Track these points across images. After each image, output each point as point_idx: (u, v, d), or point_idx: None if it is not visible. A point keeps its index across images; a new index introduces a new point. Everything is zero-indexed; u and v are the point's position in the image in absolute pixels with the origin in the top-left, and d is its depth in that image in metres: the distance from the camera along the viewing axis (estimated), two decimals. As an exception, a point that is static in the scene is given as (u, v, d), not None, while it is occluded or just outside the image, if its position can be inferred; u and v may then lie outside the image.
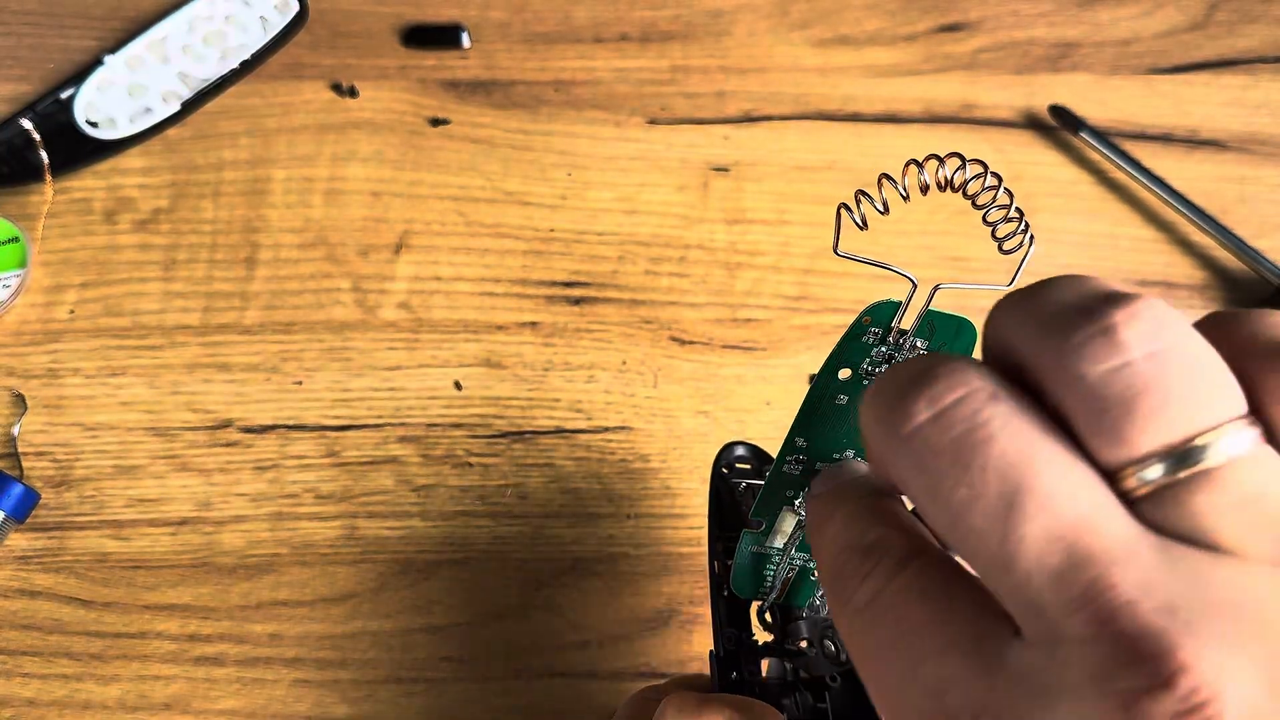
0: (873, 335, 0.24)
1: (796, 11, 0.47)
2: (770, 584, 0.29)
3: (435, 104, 0.44)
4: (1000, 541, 0.15)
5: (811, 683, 0.28)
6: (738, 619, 0.30)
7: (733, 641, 0.29)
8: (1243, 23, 0.46)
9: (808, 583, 0.29)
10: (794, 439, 0.26)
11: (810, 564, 0.28)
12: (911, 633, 0.16)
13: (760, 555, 0.28)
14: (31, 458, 0.38)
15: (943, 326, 0.24)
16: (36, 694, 0.34)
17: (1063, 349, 0.16)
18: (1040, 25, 0.46)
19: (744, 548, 0.28)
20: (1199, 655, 0.13)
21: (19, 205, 0.42)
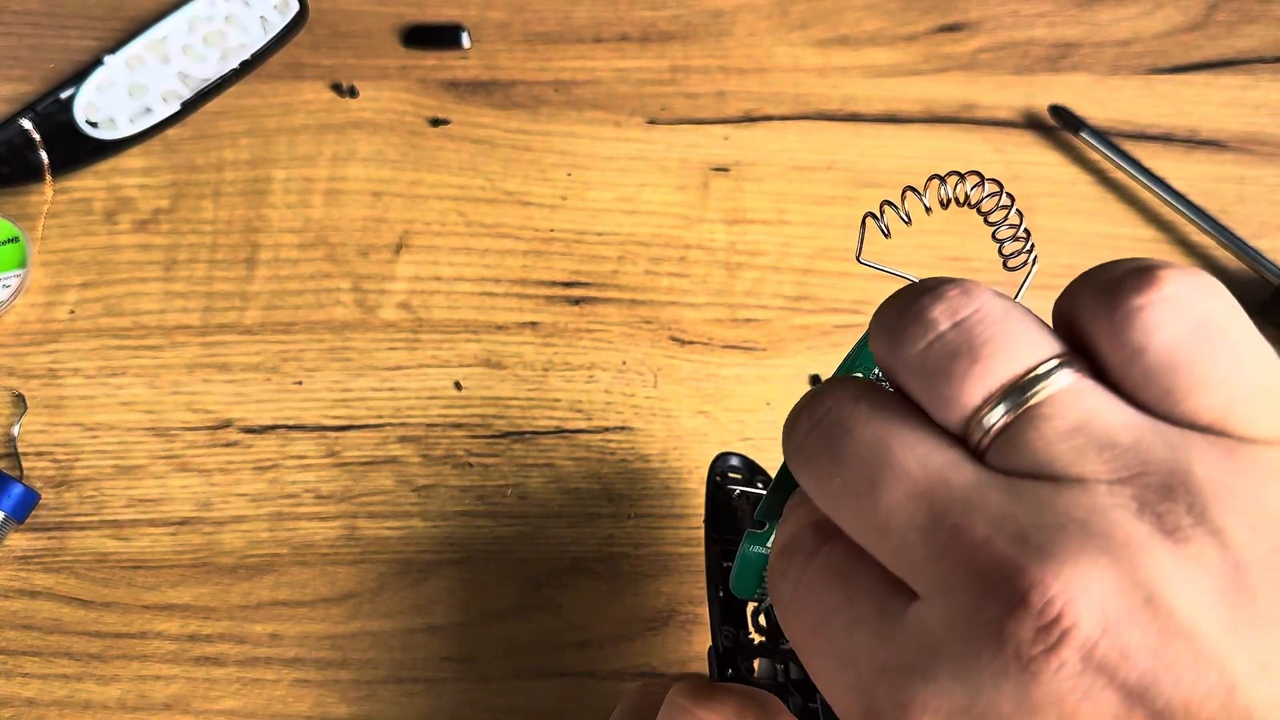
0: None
1: (796, 12, 0.47)
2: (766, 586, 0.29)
3: (435, 104, 0.44)
4: (873, 513, 0.17)
5: (802, 684, 0.28)
6: (734, 618, 0.30)
7: (730, 639, 0.29)
8: (1242, 23, 0.46)
9: None
10: None
11: None
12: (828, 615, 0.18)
13: (761, 556, 0.28)
14: (31, 458, 0.38)
15: None
16: (37, 694, 0.34)
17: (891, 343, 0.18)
18: (1040, 25, 0.46)
19: (746, 549, 0.28)
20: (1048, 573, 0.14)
21: (19, 205, 0.42)
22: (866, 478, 0.17)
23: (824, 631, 0.18)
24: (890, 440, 0.17)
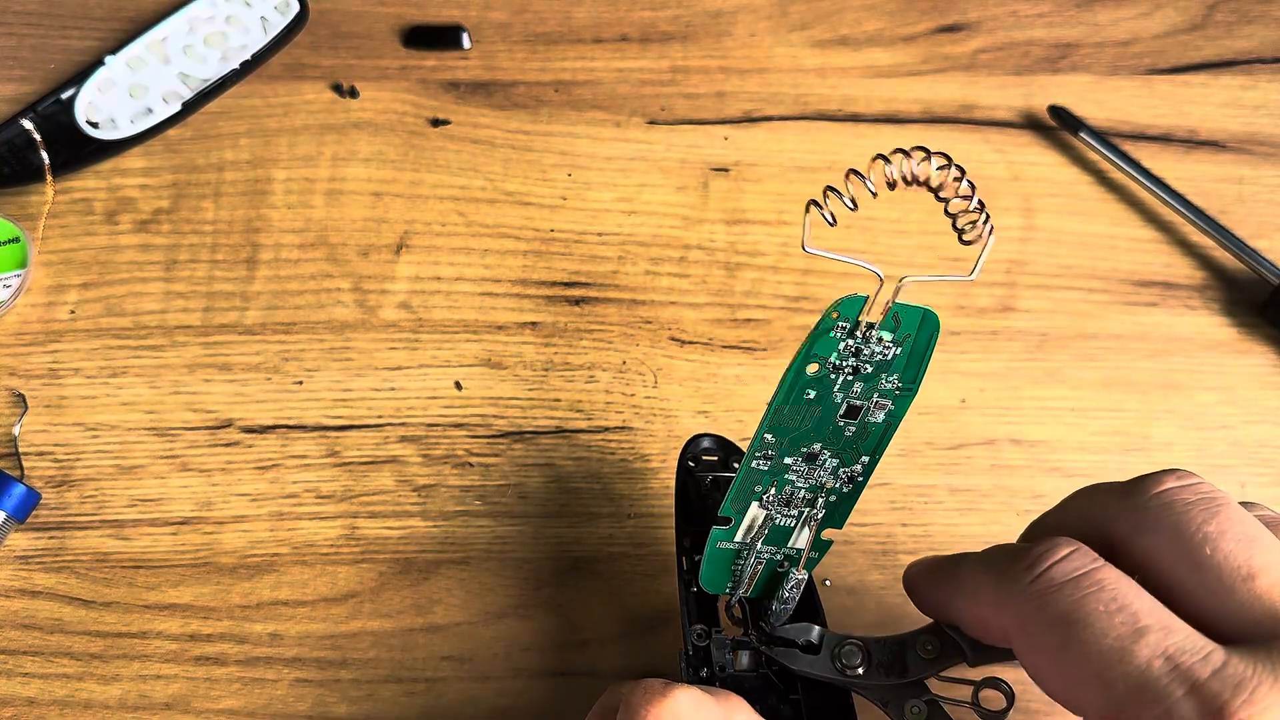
0: (840, 330, 0.25)
1: (796, 12, 0.47)
2: (738, 578, 0.29)
3: (436, 104, 0.44)
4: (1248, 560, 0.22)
5: (784, 675, 0.28)
6: (706, 614, 0.30)
7: (703, 637, 0.29)
8: (1242, 23, 0.46)
9: (775, 576, 0.29)
10: (763, 435, 0.26)
11: (777, 557, 0.28)
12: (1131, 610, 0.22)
13: (728, 551, 0.28)
14: (32, 458, 0.38)
15: (907, 318, 0.25)
16: (37, 693, 0.34)
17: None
18: (1039, 26, 0.46)
19: (712, 544, 0.28)
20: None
21: (20, 205, 0.42)
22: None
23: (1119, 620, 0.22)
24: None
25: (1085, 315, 0.41)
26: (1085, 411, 0.39)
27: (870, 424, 0.26)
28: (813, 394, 0.26)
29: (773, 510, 0.27)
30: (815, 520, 0.28)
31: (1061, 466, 0.38)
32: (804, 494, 0.27)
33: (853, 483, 0.27)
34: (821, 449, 0.26)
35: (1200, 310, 0.41)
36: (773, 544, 0.28)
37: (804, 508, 0.27)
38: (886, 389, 0.26)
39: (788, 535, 0.28)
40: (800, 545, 0.28)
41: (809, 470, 0.27)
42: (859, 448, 0.27)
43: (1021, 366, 0.40)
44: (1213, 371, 0.40)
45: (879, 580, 0.36)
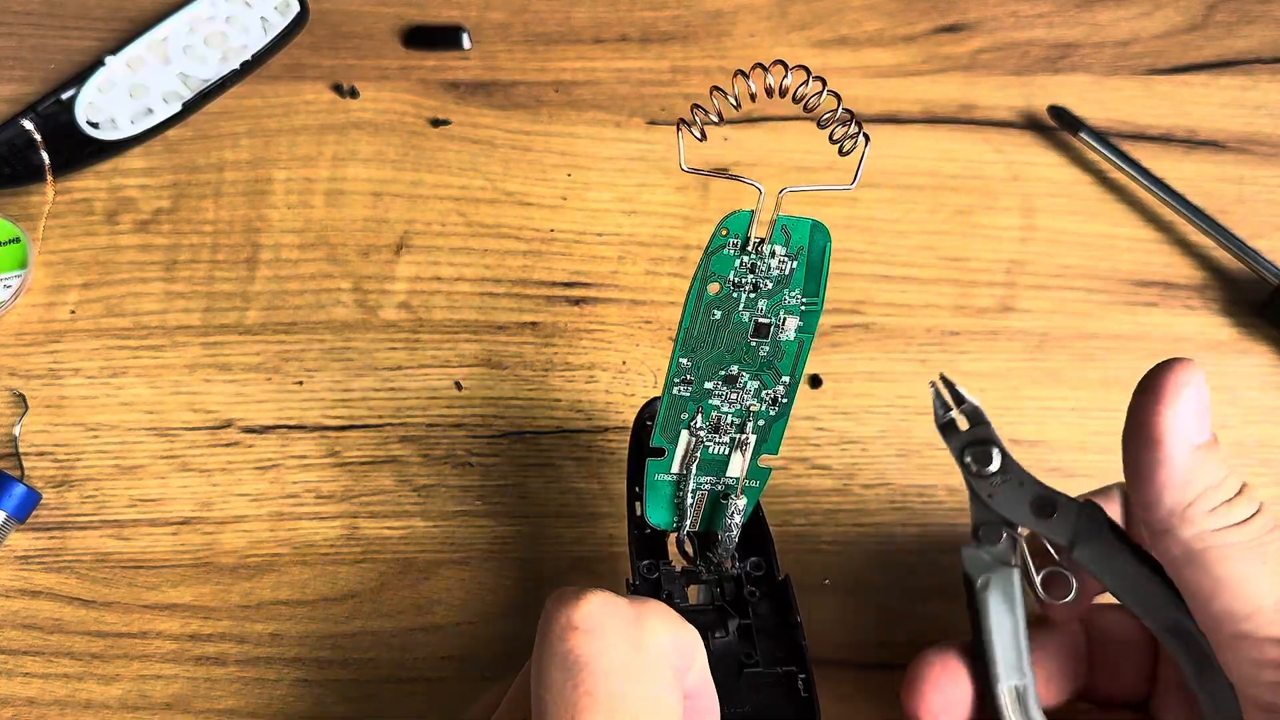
0: (732, 246, 0.25)
1: (796, 13, 0.47)
2: (682, 512, 0.29)
3: (436, 105, 0.44)
4: None
5: (737, 603, 0.28)
6: (656, 551, 0.30)
7: (651, 569, 0.29)
8: (1241, 23, 0.46)
9: (720, 507, 0.29)
10: (678, 360, 0.27)
11: (719, 488, 0.29)
12: None
13: (667, 483, 0.28)
14: (32, 458, 0.38)
15: (797, 230, 0.26)
16: (38, 693, 0.34)
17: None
18: (1039, 26, 0.46)
19: (651, 477, 0.28)
20: None
21: (20, 206, 0.42)
22: None
23: None
24: None
25: (1085, 315, 0.41)
26: (1085, 411, 0.39)
27: (783, 342, 0.27)
28: (718, 314, 0.26)
29: (703, 437, 0.28)
30: (746, 445, 0.28)
31: (1061, 466, 0.38)
32: (731, 419, 0.28)
33: (777, 405, 0.28)
34: (739, 371, 0.27)
35: (1200, 310, 0.41)
36: (710, 474, 0.28)
37: (733, 433, 0.28)
38: (791, 305, 0.26)
39: (724, 464, 0.28)
40: (736, 473, 0.28)
41: (731, 394, 0.27)
42: (776, 368, 0.27)
43: (1021, 366, 0.40)
44: (1213, 372, 0.40)
45: (879, 581, 0.36)
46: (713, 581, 0.29)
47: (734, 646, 0.28)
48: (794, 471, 0.38)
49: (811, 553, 0.37)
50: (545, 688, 0.21)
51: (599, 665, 0.21)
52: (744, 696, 0.27)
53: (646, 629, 0.22)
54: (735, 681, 0.27)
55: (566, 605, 0.22)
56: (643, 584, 0.29)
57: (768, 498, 0.37)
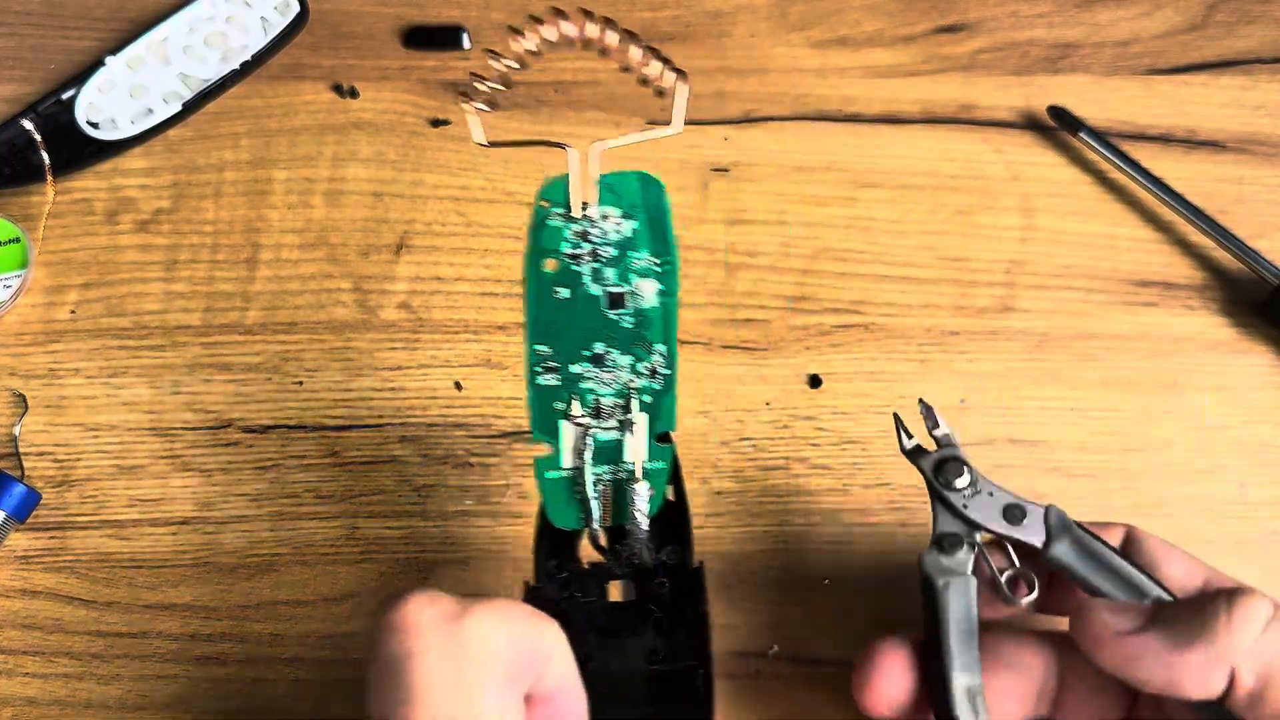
0: (559, 216, 0.24)
1: (796, 13, 0.47)
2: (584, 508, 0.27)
3: (436, 105, 0.44)
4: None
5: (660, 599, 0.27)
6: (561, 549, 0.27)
7: (560, 570, 0.27)
8: (1241, 23, 0.46)
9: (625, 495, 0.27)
10: (534, 348, 0.25)
11: (620, 476, 0.27)
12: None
13: (560, 479, 0.27)
14: (32, 458, 0.38)
15: (624, 187, 0.24)
16: (37, 693, 0.34)
17: None
18: (1039, 26, 0.46)
19: (540, 476, 0.26)
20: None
21: (20, 206, 0.42)
22: None
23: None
24: None
25: (1085, 315, 0.41)
26: (1085, 411, 0.39)
27: (646, 310, 0.25)
28: (565, 292, 0.25)
29: (587, 424, 0.26)
30: (637, 426, 0.26)
31: (1061, 466, 0.38)
32: (612, 400, 0.26)
33: (659, 376, 0.26)
34: (606, 349, 0.25)
35: (1200, 310, 0.41)
36: (609, 462, 0.26)
37: (620, 415, 0.26)
38: (643, 268, 0.25)
39: (619, 450, 0.26)
40: (635, 457, 0.27)
41: (604, 373, 0.25)
42: (647, 338, 0.25)
43: (1021, 366, 0.40)
44: (1213, 371, 0.40)
45: (879, 581, 0.36)
46: (626, 575, 0.27)
47: (649, 642, 0.26)
48: (794, 471, 0.38)
49: (811, 553, 0.37)
50: (369, 691, 0.21)
51: (413, 665, 0.21)
52: (643, 696, 0.25)
53: (469, 627, 0.21)
54: (639, 682, 0.25)
55: (387, 606, 0.22)
56: (549, 584, 0.27)
57: (769, 498, 0.37)
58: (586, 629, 0.26)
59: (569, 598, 0.27)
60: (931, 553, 0.30)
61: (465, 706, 0.21)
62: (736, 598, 0.36)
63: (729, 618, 0.36)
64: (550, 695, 0.23)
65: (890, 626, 0.35)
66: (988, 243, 0.42)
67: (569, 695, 0.23)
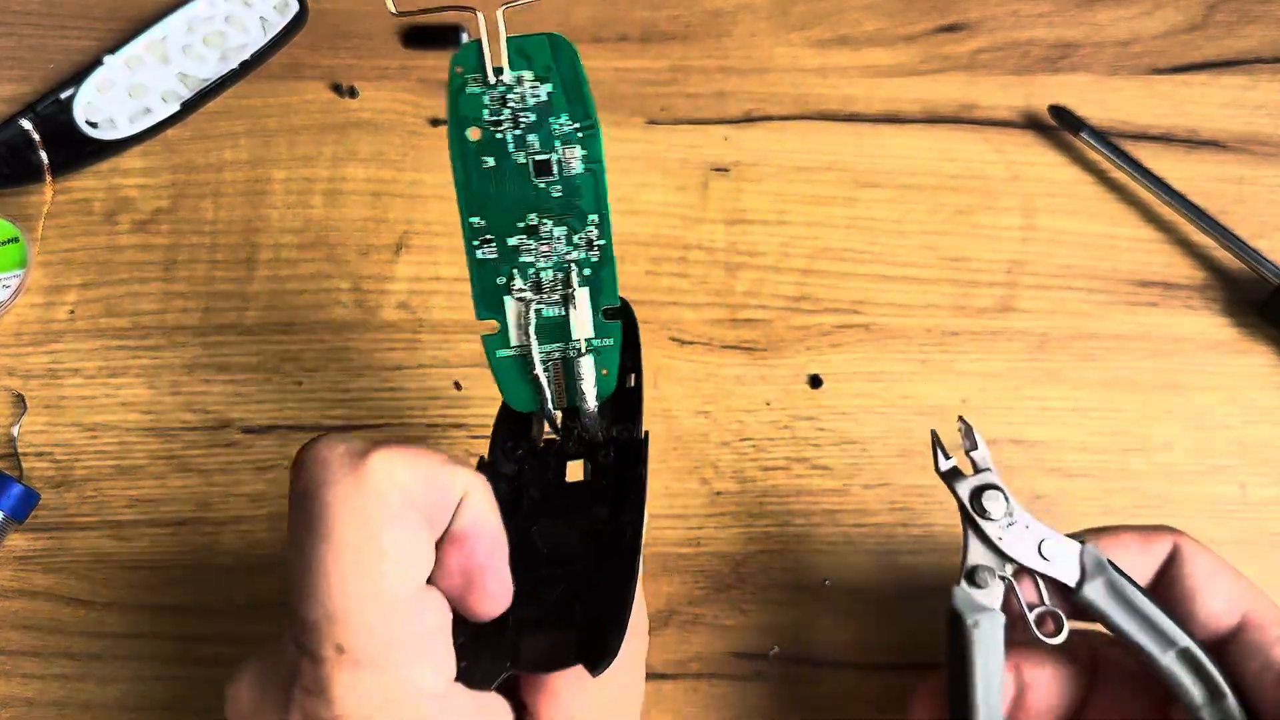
0: (473, 82, 0.24)
1: (796, 12, 0.47)
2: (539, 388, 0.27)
3: (435, 104, 0.44)
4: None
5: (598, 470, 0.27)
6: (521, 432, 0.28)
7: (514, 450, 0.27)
8: (1242, 23, 0.46)
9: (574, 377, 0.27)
10: (468, 220, 0.25)
11: (570, 353, 0.27)
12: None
13: (510, 359, 0.27)
14: (31, 458, 0.38)
15: (535, 50, 0.24)
16: (36, 694, 0.34)
17: None
18: (1040, 26, 0.46)
19: (491, 355, 0.26)
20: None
21: (19, 205, 0.42)
22: None
23: None
24: None
25: (1085, 315, 0.41)
26: (1085, 411, 0.39)
27: (575, 177, 0.25)
28: (491, 160, 0.25)
29: (528, 300, 0.26)
30: (577, 300, 0.26)
31: (1061, 466, 0.38)
32: (552, 274, 0.26)
33: (595, 247, 0.26)
34: (540, 219, 0.25)
35: (1200, 310, 0.41)
36: (555, 341, 0.26)
37: (562, 289, 0.26)
38: (565, 133, 0.25)
39: (565, 326, 0.26)
40: (581, 334, 0.26)
41: (541, 246, 0.25)
42: (579, 207, 0.25)
43: (1022, 366, 0.40)
44: (1213, 371, 0.40)
45: (879, 581, 0.36)
46: (579, 454, 0.27)
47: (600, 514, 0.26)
48: (794, 471, 0.38)
49: (811, 553, 0.36)
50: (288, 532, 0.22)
51: (316, 498, 0.21)
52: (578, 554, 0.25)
53: (374, 462, 0.22)
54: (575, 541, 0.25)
55: (302, 448, 0.22)
56: (503, 461, 0.27)
57: (770, 498, 0.37)
58: (539, 508, 0.26)
59: (520, 472, 0.27)
60: (962, 587, 0.29)
61: (367, 537, 0.21)
62: (736, 598, 0.36)
63: (729, 618, 0.36)
64: (463, 535, 0.23)
65: (890, 627, 0.35)
66: (988, 243, 0.42)
67: (484, 537, 0.23)
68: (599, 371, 0.27)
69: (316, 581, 0.21)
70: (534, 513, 0.26)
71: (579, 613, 0.24)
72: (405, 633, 0.21)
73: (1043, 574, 0.29)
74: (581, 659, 0.22)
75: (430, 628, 0.22)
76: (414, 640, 0.22)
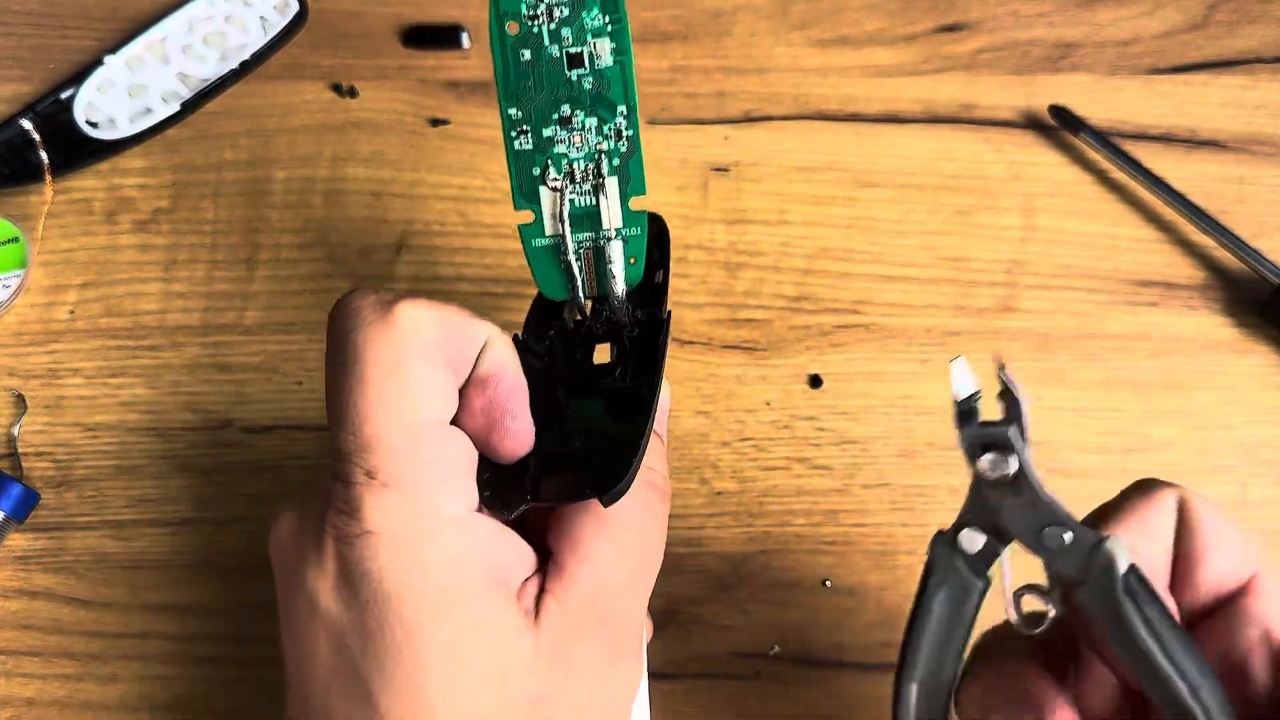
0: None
1: (796, 12, 0.47)
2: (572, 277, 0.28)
3: (435, 104, 0.44)
4: None
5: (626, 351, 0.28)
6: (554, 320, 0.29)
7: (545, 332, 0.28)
8: (1242, 23, 0.46)
9: (604, 264, 0.28)
10: (507, 112, 0.26)
11: (601, 242, 0.28)
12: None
13: (545, 247, 0.28)
14: (31, 458, 0.38)
15: None
16: (36, 694, 0.34)
17: None
18: (1040, 25, 0.46)
19: (527, 243, 0.28)
20: None
21: (19, 205, 0.42)
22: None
23: None
24: None
25: (1086, 315, 0.41)
26: (1086, 411, 0.39)
27: (604, 70, 0.26)
28: (528, 54, 0.26)
29: (562, 189, 0.27)
30: (608, 189, 0.27)
31: (1062, 467, 0.38)
32: (584, 164, 0.27)
33: (623, 137, 0.27)
34: (572, 110, 0.26)
35: (1201, 310, 0.41)
36: (587, 230, 0.28)
37: (593, 179, 0.27)
38: (597, 26, 0.26)
39: (596, 215, 0.28)
40: (611, 223, 0.28)
41: (573, 136, 0.27)
42: (608, 98, 0.27)
43: (1022, 366, 0.40)
44: (1213, 372, 0.40)
45: (879, 580, 0.36)
46: (606, 337, 0.29)
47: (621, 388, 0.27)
48: (794, 471, 0.38)
49: (811, 553, 0.36)
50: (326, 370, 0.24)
51: (349, 340, 0.23)
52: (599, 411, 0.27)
53: (401, 310, 0.24)
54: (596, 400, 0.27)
55: (337, 302, 0.24)
56: (534, 341, 0.28)
57: (770, 498, 0.37)
58: (566, 384, 0.28)
59: (551, 352, 0.28)
60: (946, 539, 0.25)
61: (393, 371, 0.23)
62: (736, 598, 0.36)
63: (729, 618, 0.36)
64: (485, 377, 0.25)
65: (891, 627, 0.35)
66: (988, 243, 0.42)
67: (505, 379, 0.25)
68: (627, 259, 0.28)
69: (349, 414, 0.23)
70: (562, 384, 0.27)
71: (597, 456, 0.25)
72: (429, 458, 0.23)
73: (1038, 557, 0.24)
74: (595, 491, 0.24)
75: (453, 457, 0.24)
76: (437, 466, 0.23)
